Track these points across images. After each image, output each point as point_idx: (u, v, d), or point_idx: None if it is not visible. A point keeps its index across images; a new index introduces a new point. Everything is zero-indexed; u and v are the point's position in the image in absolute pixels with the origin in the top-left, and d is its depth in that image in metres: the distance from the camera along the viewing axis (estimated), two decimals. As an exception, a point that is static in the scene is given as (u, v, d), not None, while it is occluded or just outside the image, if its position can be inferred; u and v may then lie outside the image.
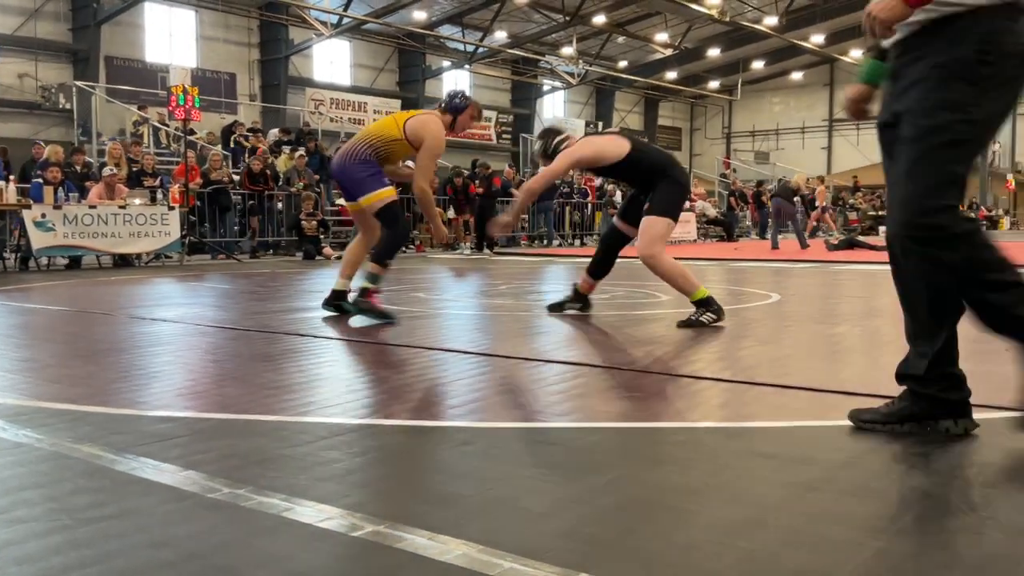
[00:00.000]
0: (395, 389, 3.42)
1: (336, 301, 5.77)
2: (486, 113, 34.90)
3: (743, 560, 1.69)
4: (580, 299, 5.92)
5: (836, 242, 16.77)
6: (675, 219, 5.45)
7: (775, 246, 16.64)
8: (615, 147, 5.49)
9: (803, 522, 1.89)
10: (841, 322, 5.56)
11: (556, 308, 5.93)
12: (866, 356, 4.32)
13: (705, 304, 5.20)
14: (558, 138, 5.72)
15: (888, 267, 2.68)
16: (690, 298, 5.27)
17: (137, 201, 11.90)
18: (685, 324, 5.14)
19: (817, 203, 22.77)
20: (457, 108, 5.87)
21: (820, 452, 2.46)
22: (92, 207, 11.34)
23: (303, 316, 5.95)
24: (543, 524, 1.88)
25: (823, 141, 45.60)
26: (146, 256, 12.25)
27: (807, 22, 35.08)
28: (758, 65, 41.05)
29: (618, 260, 5.93)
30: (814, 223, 22.03)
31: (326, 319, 5.58)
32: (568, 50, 33.78)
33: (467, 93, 6.10)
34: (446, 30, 31.82)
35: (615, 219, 5.95)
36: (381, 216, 5.52)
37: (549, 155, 5.62)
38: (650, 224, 5.37)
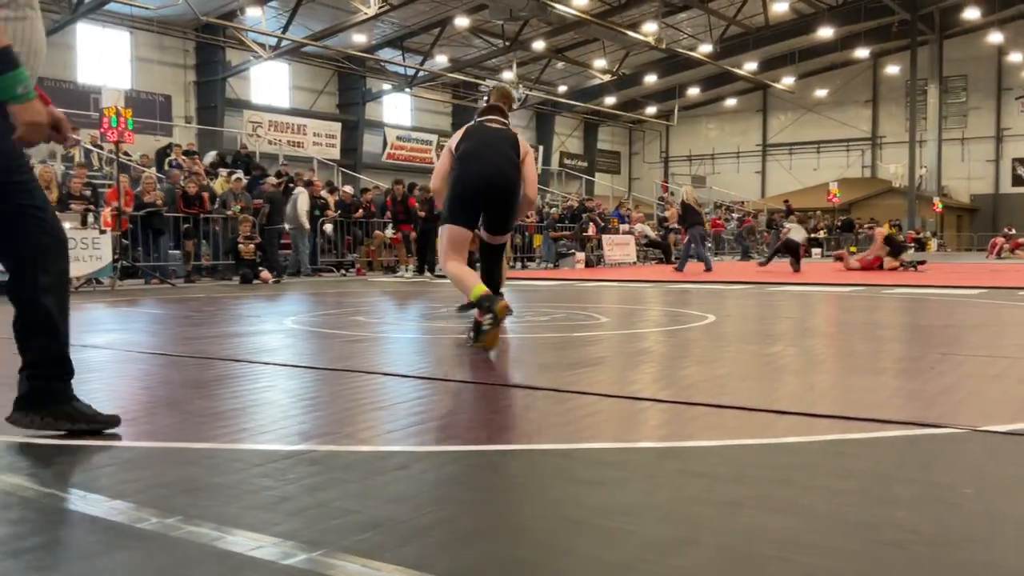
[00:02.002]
0: (331, 414, 3.38)
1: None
2: (426, 136, 34.99)
3: (676, 579, 1.71)
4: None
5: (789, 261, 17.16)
6: (455, 222, 5.13)
7: (681, 269, 16.68)
8: (452, 144, 5.31)
9: (735, 540, 1.91)
10: (775, 342, 5.67)
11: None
12: (799, 376, 4.41)
13: (477, 304, 5.01)
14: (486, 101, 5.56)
15: (820, 289, 2.74)
16: (470, 298, 5.11)
17: (67, 225, 11.60)
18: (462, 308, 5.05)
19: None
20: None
21: (752, 470, 2.50)
22: (20, 231, 11.00)
23: (238, 341, 5.86)
24: (477, 546, 1.88)
25: (757, 165, 46.64)
26: (76, 281, 11.94)
27: (740, 50, 36.02)
28: (694, 91, 41.94)
29: (556, 282, 5.85)
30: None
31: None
32: (508, 75, 34.06)
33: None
34: (386, 53, 31.85)
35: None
36: None
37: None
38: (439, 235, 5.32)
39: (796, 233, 17.75)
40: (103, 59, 25.32)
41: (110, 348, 5.39)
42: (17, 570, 1.74)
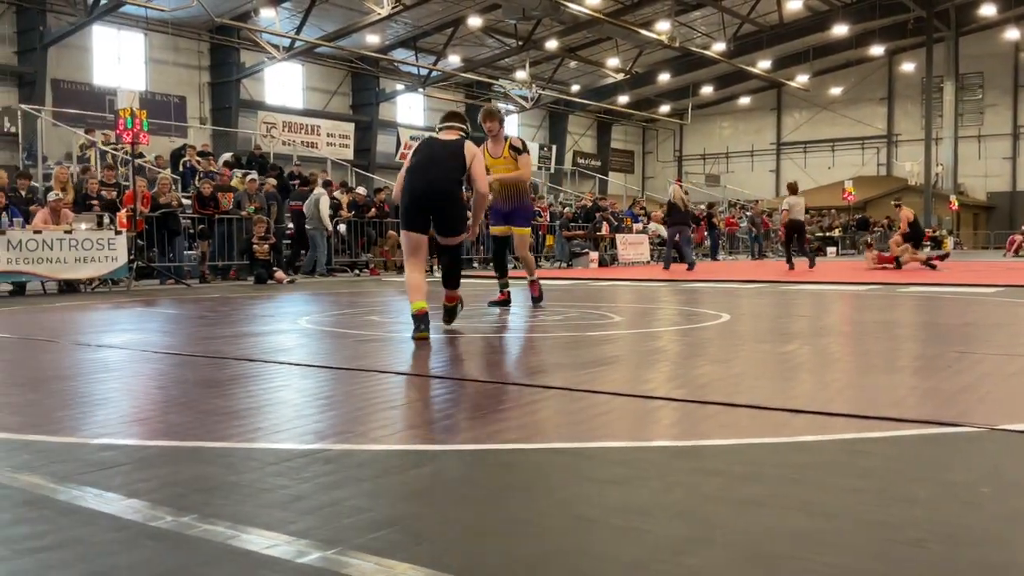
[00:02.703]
0: (345, 414, 3.39)
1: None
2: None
3: (690, 578, 1.70)
4: (449, 313, 6.33)
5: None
6: (407, 229, 5.77)
7: (691, 267, 16.75)
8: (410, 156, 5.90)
9: (749, 539, 1.90)
10: (790, 341, 5.64)
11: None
12: (814, 374, 4.38)
13: (414, 319, 5.53)
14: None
15: (834, 287, 2.72)
16: (411, 310, 5.60)
17: (83, 226, 11.68)
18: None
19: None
20: None
21: (767, 469, 2.49)
22: (37, 232, 11.11)
23: (253, 341, 5.88)
24: (490, 545, 1.87)
25: (771, 164, 46.42)
26: (93, 282, 12.01)
27: (754, 48, 35.85)
28: (707, 90, 41.79)
29: (570, 282, 5.98)
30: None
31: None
32: (521, 74, 34.04)
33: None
34: (399, 54, 31.88)
35: None
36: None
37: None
38: None
39: (797, 211, 16.30)
40: (118, 61, 25.47)
41: (126, 348, 5.42)
42: (34, 569, 1.76)
